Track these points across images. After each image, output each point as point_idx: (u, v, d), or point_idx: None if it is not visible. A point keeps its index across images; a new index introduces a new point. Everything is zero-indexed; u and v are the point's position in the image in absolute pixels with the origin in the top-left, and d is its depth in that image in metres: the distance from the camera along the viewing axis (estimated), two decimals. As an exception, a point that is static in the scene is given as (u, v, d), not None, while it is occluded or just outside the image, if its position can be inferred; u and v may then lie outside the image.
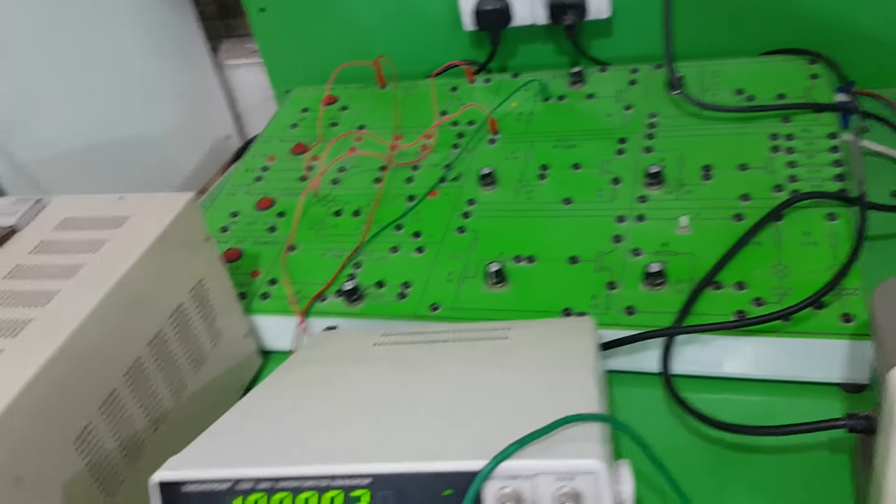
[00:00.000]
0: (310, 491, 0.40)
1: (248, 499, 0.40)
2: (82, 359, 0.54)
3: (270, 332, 0.75)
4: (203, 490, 0.41)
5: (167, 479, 0.41)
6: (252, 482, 0.41)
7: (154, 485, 0.42)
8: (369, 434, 0.44)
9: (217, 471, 0.41)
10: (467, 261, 0.74)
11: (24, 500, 0.50)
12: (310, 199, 0.86)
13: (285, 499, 0.40)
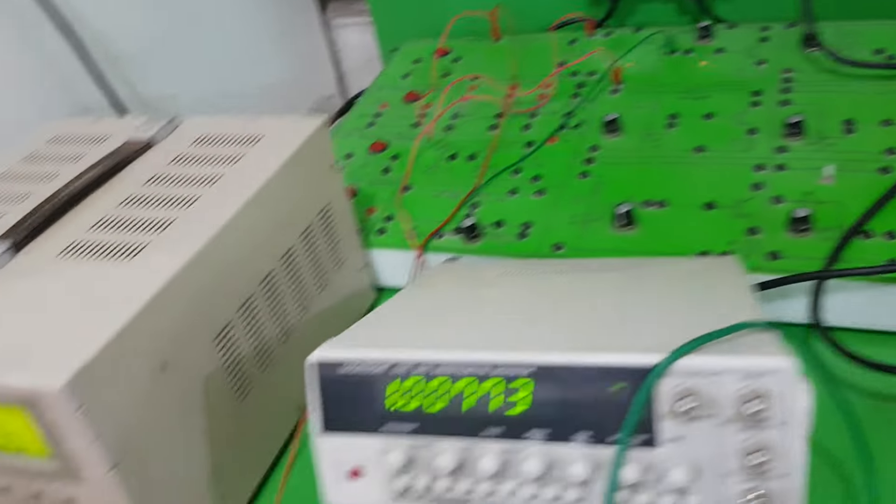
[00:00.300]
0: (469, 377, 0.39)
1: (405, 382, 0.39)
2: (225, 259, 0.54)
3: (386, 267, 0.75)
4: (360, 372, 0.40)
5: (324, 359, 0.41)
6: (410, 366, 0.39)
7: (311, 364, 0.41)
8: (530, 327, 0.42)
9: (375, 352, 0.40)
10: (591, 204, 0.73)
11: (168, 387, 0.50)
12: (424, 144, 0.86)
13: (443, 384, 0.39)
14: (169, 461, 0.50)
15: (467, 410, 0.39)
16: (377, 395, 0.40)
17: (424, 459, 0.40)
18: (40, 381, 0.43)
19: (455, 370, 0.39)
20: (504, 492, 0.39)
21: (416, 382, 0.39)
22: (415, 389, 0.39)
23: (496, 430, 0.39)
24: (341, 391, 0.41)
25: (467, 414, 0.39)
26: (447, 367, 0.39)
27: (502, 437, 0.39)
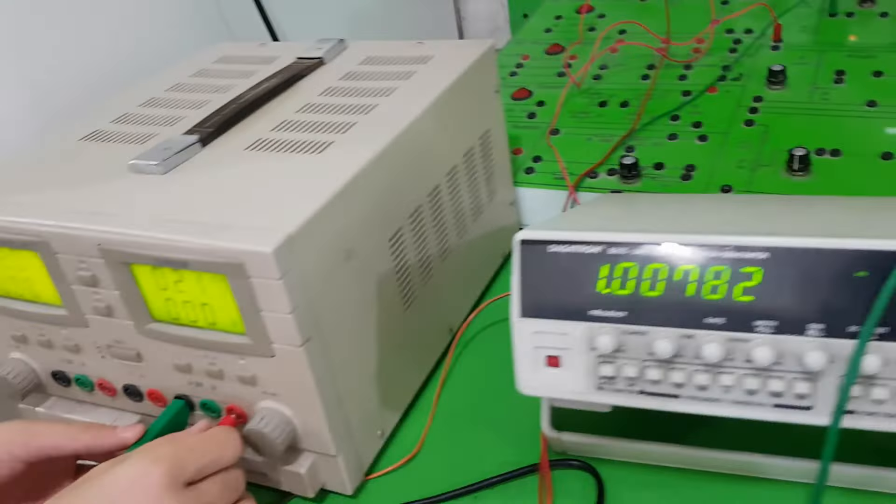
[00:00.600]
0: (690, 265, 0.37)
1: (619, 265, 0.38)
2: (401, 163, 0.54)
3: (533, 205, 0.74)
4: (570, 252, 0.39)
5: (531, 237, 0.40)
6: (626, 248, 0.38)
7: (517, 242, 0.41)
8: (756, 220, 0.40)
9: (588, 234, 0.39)
10: (759, 151, 0.70)
11: (351, 276, 0.50)
12: (571, 91, 0.85)
13: (662, 269, 0.37)
14: (346, 349, 0.50)
15: (689, 297, 0.37)
16: (587, 278, 0.39)
17: (636, 347, 0.39)
18: (251, 245, 0.43)
19: (676, 254, 0.37)
20: (720, 385, 0.37)
21: (631, 266, 0.38)
22: (630, 273, 0.38)
23: (719, 319, 0.37)
24: (547, 273, 0.40)
25: (689, 301, 0.37)
26: (668, 250, 0.37)
27: (726, 326, 0.37)
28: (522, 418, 0.57)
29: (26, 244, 0.50)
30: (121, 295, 0.50)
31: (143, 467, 0.41)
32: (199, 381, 0.52)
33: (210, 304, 0.48)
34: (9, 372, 0.57)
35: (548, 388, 0.41)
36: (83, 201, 0.51)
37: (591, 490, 0.51)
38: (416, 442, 0.57)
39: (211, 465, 0.44)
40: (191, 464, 0.42)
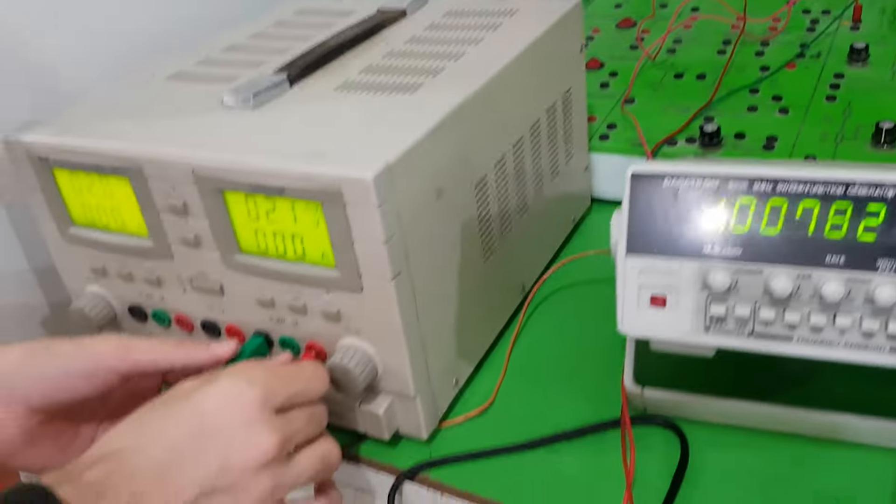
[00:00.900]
0: (813, 199, 0.36)
1: (735, 202, 0.37)
2: (489, 110, 0.54)
3: (607, 172, 0.73)
4: (686, 186, 0.38)
5: (643, 171, 0.39)
6: (746, 182, 0.37)
7: (628, 176, 0.40)
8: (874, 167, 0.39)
9: (705, 167, 0.38)
10: (842, 125, 0.69)
11: (439, 216, 0.50)
12: (644, 64, 0.84)
13: (782, 204, 0.36)
14: (431, 290, 0.50)
15: (810, 235, 0.36)
16: (702, 214, 0.38)
17: (750, 286, 0.37)
18: (351, 171, 0.43)
19: (797, 190, 0.36)
20: (836, 327, 0.36)
21: (750, 202, 0.37)
22: (749, 210, 0.37)
23: (840, 257, 0.36)
24: (659, 208, 0.39)
25: (809, 239, 0.36)
26: (789, 185, 0.36)
27: (847, 265, 0.36)
28: (597, 376, 0.57)
29: (117, 169, 0.50)
30: (210, 225, 0.49)
31: (238, 388, 0.40)
32: (280, 317, 0.51)
33: (301, 235, 0.47)
34: (85, 305, 0.57)
35: (651, 330, 0.40)
36: (176, 129, 0.51)
37: (674, 449, 0.50)
38: (488, 395, 0.56)
39: (299, 396, 0.43)
40: (282, 391, 0.42)
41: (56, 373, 0.44)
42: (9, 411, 0.44)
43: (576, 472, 0.50)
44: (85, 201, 0.54)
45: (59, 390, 0.45)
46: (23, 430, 0.45)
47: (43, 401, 0.45)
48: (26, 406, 0.44)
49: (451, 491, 0.50)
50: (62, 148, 0.52)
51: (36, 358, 0.44)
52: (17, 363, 0.44)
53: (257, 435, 0.39)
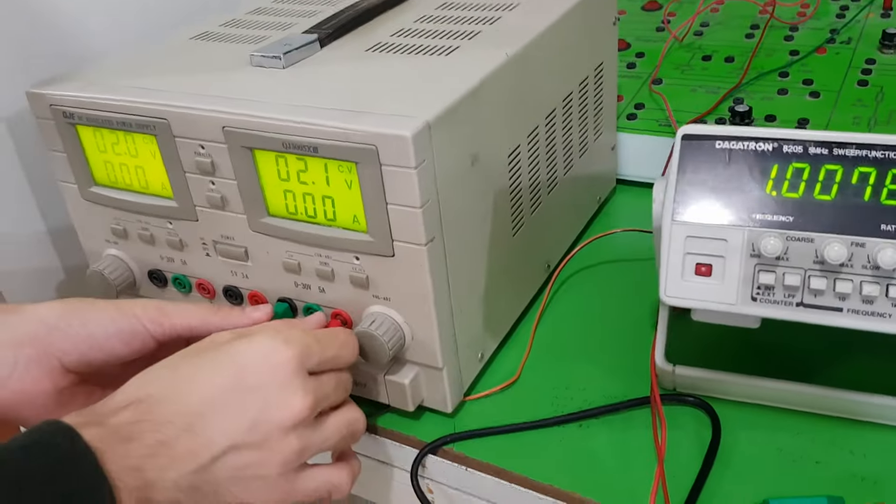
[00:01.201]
0: (870, 166, 0.35)
1: (789, 167, 0.36)
2: (524, 76, 0.53)
3: (634, 152, 0.72)
4: (739, 149, 0.37)
5: (694, 132, 0.38)
6: (801, 146, 0.36)
7: (678, 139, 0.38)
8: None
9: (758, 130, 0.37)
10: (875, 109, 0.68)
11: (473, 183, 0.49)
12: (672, 45, 0.83)
13: (836, 172, 0.35)
14: (462, 260, 0.49)
15: (865, 202, 0.35)
16: (755, 179, 0.37)
17: (801, 254, 0.36)
18: (389, 128, 0.42)
19: (857, 155, 0.35)
20: (889, 299, 0.35)
21: (805, 167, 0.36)
22: (803, 175, 0.36)
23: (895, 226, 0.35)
24: (709, 172, 0.38)
25: (865, 206, 0.35)
26: (845, 150, 0.35)
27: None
28: (625, 354, 0.56)
29: (144, 126, 0.49)
30: (238, 185, 0.48)
31: (274, 345, 0.39)
32: (306, 283, 0.50)
33: (333, 197, 0.46)
34: (105, 268, 0.56)
35: (695, 299, 0.39)
36: (206, 86, 0.50)
37: (705, 428, 0.49)
38: (513, 371, 0.55)
39: (331, 361, 0.43)
40: (316, 354, 0.41)
41: (94, 332, 0.43)
42: (43, 368, 0.43)
43: (605, 448, 0.49)
44: (108, 160, 0.53)
45: (96, 350, 0.44)
46: (56, 388, 0.43)
47: (79, 359, 0.44)
48: (62, 364, 0.43)
49: (476, 465, 0.49)
50: (87, 103, 0.50)
51: (75, 315, 0.43)
52: (56, 318, 0.43)
53: (291, 395, 0.38)
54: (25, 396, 0.42)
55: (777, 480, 0.45)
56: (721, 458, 0.47)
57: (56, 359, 0.43)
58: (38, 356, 0.42)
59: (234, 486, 0.37)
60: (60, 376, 0.43)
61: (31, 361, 0.42)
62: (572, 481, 0.47)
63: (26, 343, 0.42)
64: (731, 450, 0.48)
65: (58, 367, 0.43)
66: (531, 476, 0.48)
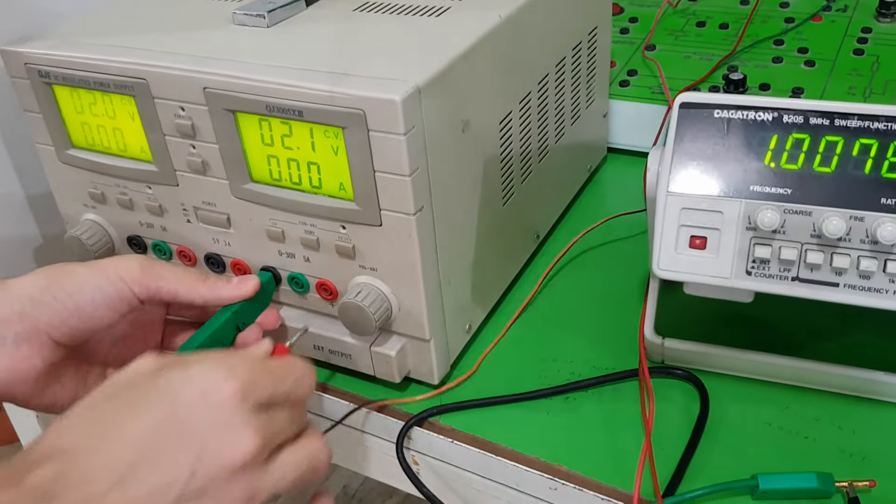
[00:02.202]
0: (871, 139, 0.34)
1: (789, 137, 0.35)
2: (518, 38, 0.51)
3: (626, 119, 0.71)
4: (738, 118, 0.36)
5: (694, 99, 0.36)
6: (802, 116, 0.35)
7: (676, 106, 0.37)
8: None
9: (759, 98, 0.36)
10: (870, 79, 0.67)
11: (463, 149, 0.47)
12: (666, 11, 0.81)
13: (837, 144, 0.34)
14: (451, 229, 0.47)
15: (866, 175, 0.34)
16: (754, 150, 0.36)
17: (798, 228, 0.36)
18: (377, 92, 0.40)
19: (857, 126, 0.34)
20: (887, 274, 0.35)
21: (805, 138, 0.35)
22: (803, 146, 0.35)
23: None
24: (706, 141, 0.37)
25: (865, 179, 0.34)
26: (847, 121, 0.34)
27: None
28: (613, 326, 0.55)
29: (123, 86, 0.47)
30: (220, 149, 0.47)
31: (215, 377, 0.34)
32: (291, 252, 0.49)
33: (318, 164, 0.44)
34: (83, 233, 0.55)
35: (688, 272, 0.38)
36: (186, 44, 0.48)
37: (693, 401, 0.49)
38: (501, 343, 0.55)
39: (283, 397, 0.37)
40: (266, 387, 0.36)
41: (81, 302, 0.41)
42: (32, 344, 0.40)
43: (592, 421, 0.49)
44: (85, 121, 0.51)
45: (85, 320, 0.41)
46: (47, 363, 0.41)
47: (69, 333, 0.41)
48: (51, 338, 0.41)
49: (462, 437, 0.49)
50: (63, 61, 0.48)
51: (60, 287, 0.41)
52: (41, 292, 0.40)
53: (234, 435, 0.34)
54: (17, 374, 0.40)
55: (765, 455, 0.45)
56: (709, 432, 0.47)
57: (45, 334, 0.41)
58: (27, 333, 0.40)
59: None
60: (50, 351, 0.41)
61: (19, 339, 0.40)
62: (558, 454, 0.46)
63: (14, 321, 0.40)
64: (719, 423, 0.48)
65: (47, 342, 0.41)
66: (517, 449, 0.47)
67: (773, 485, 0.41)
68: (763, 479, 0.41)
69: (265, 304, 0.48)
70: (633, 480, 0.43)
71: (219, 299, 0.44)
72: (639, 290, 0.58)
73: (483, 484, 0.48)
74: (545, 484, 0.45)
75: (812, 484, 0.41)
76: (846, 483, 0.41)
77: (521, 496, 0.47)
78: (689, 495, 0.41)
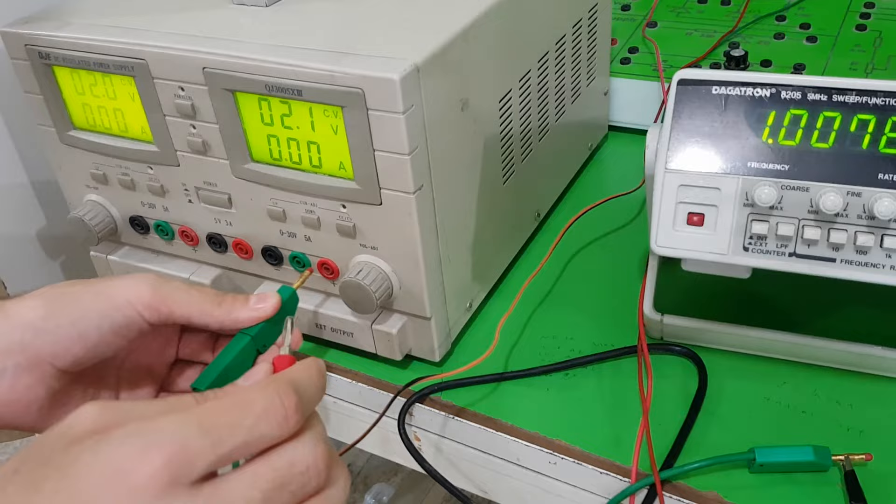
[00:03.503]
0: (869, 114, 0.34)
1: (786, 113, 0.35)
2: (517, 17, 0.51)
3: (627, 97, 0.70)
4: (736, 94, 0.36)
5: (691, 76, 0.37)
6: (800, 92, 0.35)
7: (674, 83, 0.37)
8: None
9: (756, 75, 0.36)
10: (873, 55, 0.67)
11: (463, 128, 0.47)
12: (667, -14, 0.81)
13: (835, 120, 0.34)
14: (451, 208, 0.48)
15: (863, 151, 0.34)
16: (751, 126, 0.36)
17: (795, 204, 0.36)
18: (376, 71, 0.40)
19: (855, 102, 0.34)
20: (884, 249, 0.35)
21: (803, 114, 0.35)
22: (801, 122, 0.35)
23: (893, 175, 0.34)
24: (704, 118, 0.37)
25: (862, 155, 0.35)
26: (845, 96, 0.34)
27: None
28: (613, 303, 0.55)
29: (122, 67, 0.47)
30: (219, 129, 0.47)
31: (130, 456, 0.27)
32: (292, 231, 0.49)
33: (318, 143, 0.45)
34: (86, 213, 0.55)
35: (686, 248, 0.38)
36: (185, 24, 0.48)
37: (692, 378, 0.49)
38: (501, 320, 0.55)
39: (241, 450, 0.29)
40: (203, 453, 0.28)
41: (86, 331, 0.38)
42: (34, 374, 0.38)
43: (591, 397, 0.49)
44: (86, 102, 0.51)
45: (90, 349, 0.38)
46: (51, 392, 0.38)
47: (73, 361, 0.38)
48: (54, 367, 0.38)
49: (463, 413, 0.49)
50: (64, 42, 0.48)
51: (62, 313, 0.38)
52: (42, 320, 0.38)
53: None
54: (19, 406, 0.38)
55: (763, 429, 0.46)
56: (707, 407, 0.48)
57: (48, 363, 0.38)
58: (29, 364, 0.38)
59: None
60: (54, 380, 0.38)
61: (20, 370, 0.37)
62: (558, 429, 0.47)
63: (14, 351, 0.37)
64: (717, 398, 0.48)
65: (50, 370, 0.38)
66: (518, 424, 0.48)
67: (769, 458, 0.41)
68: (760, 453, 0.41)
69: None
70: (632, 455, 0.43)
71: (236, 323, 0.40)
72: (639, 267, 0.58)
73: (484, 459, 0.49)
74: (545, 458, 0.46)
75: (809, 457, 0.42)
76: (843, 456, 0.42)
77: (522, 471, 0.48)
78: (686, 468, 0.42)
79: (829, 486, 0.42)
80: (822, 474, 0.42)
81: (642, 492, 0.43)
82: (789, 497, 0.42)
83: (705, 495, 0.42)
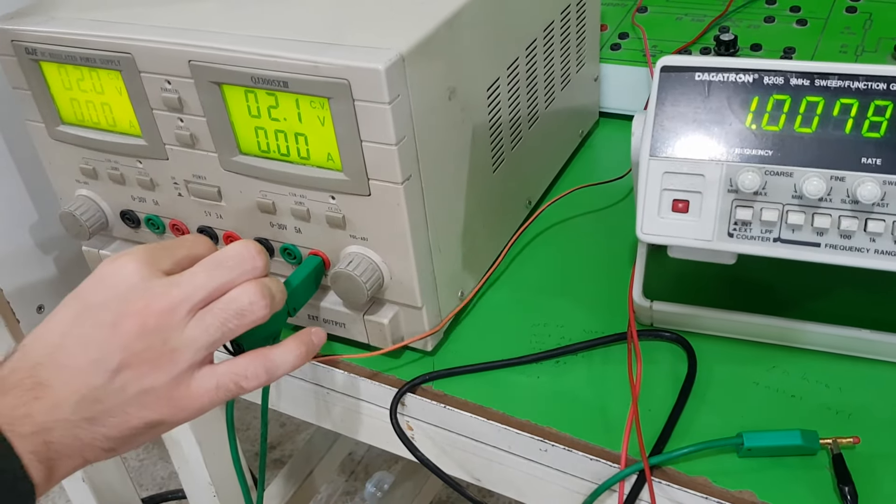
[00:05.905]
0: (851, 98, 0.34)
1: (769, 99, 0.35)
2: (503, 2, 0.51)
3: (617, 83, 0.70)
4: (719, 81, 0.36)
5: (674, 63, 0.37)
6: (782, 77, 0.35)
7: (657, 70, 0.37)
8: None
9: (739, 60, 0.36)
10: (863, 37, 0.66)
11: (450, 117, 0.47)
12: (657, -29, 0.80)
13: (818, 104, 0.34)
14: (440, 197, 0.48)
15: (846, 135, 0.35)
16: (735, 112, 0.36)
17: (779, 189, 0.36)
18: (361, 61, 0.40)
19: (837, 86, 0.34)
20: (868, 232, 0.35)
21: (786, 99, 0.35)
22: (784, 107, 0.35)
23: (877, 159, 0.34)
24: (688, 105, 0.37)
25: (845, 139, 0.35)
26: (828, 81, 0.34)
27: (884, 168, 0.34)
28: (603, 290, 0.56)
29: (109, 61, 0.47)
30: (207, 122, 0.47)
31: (114, 266, 0.39)
32: (282, 223, 0.49)
33: (306, 135, 0.45)
34: (76, 208, 0.55)
35: (671, 235, 0.39)
36: (170, 17, 0.48)
37: (681, 363, 0.50)
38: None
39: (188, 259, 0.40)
40: (164, 256, 0.39)
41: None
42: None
43: (582, 384, 0.50)
44: (74, 97, 0.51)
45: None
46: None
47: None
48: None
49: (455, 402, 0.50)
50: (50, 37, 0.48)
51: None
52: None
53: (147, 292, 0.38)
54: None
55: (752, 414, 0.46)
56: (696, 392, 0.48)
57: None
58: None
59: (129, 406, 0.37)
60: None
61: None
62: (549, 417, 0.47)
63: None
64: (706, 383, 0.48)
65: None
66: (508, 412, 0.48)
67: (757, 442, 0.42)
68: (748, 437, 0.42)
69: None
70: (622, 441, 0.44)
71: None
72: (629, 254, 0.58)
73: (475, 447, 0.49)
74: (535, 446, 0.46)
75: (796, 441, 0.42)
76: (830, 440, 0.42)
77: (513, 458, 0.48)
78: (675, 454, 0.42)
79: (818, 470, 0.43)
80: (810, 458, 0.43)
81: (632, 477, 0.43)
82: (778, 481, 0.42)
83: (694, 480, 0.43)
